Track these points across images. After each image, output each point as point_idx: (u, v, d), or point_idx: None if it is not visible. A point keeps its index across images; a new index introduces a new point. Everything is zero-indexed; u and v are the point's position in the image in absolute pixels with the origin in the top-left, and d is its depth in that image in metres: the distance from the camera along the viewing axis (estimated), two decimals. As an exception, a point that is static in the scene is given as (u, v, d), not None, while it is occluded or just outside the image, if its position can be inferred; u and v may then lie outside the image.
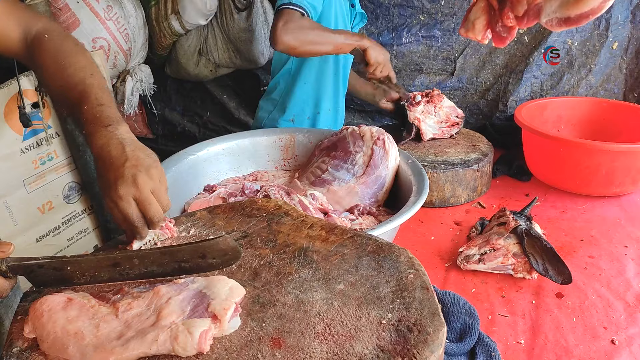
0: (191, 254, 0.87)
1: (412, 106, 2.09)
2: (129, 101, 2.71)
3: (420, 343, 0.73)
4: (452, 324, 1.19)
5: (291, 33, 1.84)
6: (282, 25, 1.84)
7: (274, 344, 0.74)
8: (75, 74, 1.09)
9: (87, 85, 1.07)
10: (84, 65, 1.13)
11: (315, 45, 1.90)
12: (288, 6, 1.87)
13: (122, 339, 0.74)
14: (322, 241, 0.98)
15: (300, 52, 1.92)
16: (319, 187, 1.60)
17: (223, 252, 0.87)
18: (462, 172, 1.85)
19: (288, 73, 2.22)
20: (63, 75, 1.09)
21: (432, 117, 2.10)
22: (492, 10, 1.13)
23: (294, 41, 1.85)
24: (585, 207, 1.86)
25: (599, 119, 2.20)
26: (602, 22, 2.35)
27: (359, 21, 2.28)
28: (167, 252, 0.87)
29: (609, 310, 1.33)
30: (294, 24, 1.85)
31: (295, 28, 1.85)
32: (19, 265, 0.85)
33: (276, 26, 1.84)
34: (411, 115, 2.06)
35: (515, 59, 2.48)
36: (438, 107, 2.10)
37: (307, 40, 1.87)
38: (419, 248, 1.63)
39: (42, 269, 0.86)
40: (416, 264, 0.90)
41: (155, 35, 2.74)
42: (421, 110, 2.09)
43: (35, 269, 0.86)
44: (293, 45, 1.86)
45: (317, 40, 1.89)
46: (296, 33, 1.85)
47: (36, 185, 2.11)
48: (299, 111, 2.25)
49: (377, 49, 2.02)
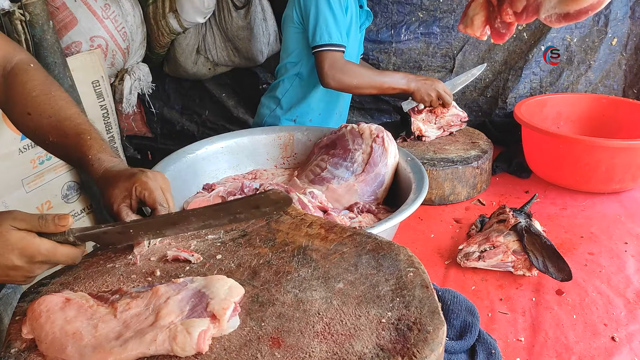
0: (244, 206, 0.91)
1: (414, 114, 2.08)
2: (127, 100, 2.71)
3: (420, 342, 0.72)
4: (452, 321, 1.19)
5: (336, 79, 1.97)
6: (328, 70, 1.96)
7: (273, 344, 0.74)
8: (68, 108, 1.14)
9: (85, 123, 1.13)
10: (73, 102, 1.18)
11: (360, 89, 2.04)
12: (329, 48, 1.97)
13: (120, 339, 0.73)
14: (322, 240, 0.98)
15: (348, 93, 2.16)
16: (318, 185, 1.59)
17: (274, 202, 0.90)
18: (461, 169, 1.84)
19: (296, 76, 2.22)
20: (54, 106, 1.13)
21: (433, 125, 2.09)
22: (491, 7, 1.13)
23: (339, 86, 2.00)
24: (585, 204, 1.86)
25: (599, 115, 2.20)
26: (602, 18, 2.34)
27: (364, 19, 2.27)
28: (222, 208, 0.92)
29: (609, 307, 1.33)
30: (336, 70, 1.97)
31: (338, 73, 1.97)
32: (85, 235, 0.90)
33: (322, 70, 1.97)
34: (414, 125, 2.05)
35: (515, 55, 2.47)
36: (440, 117, 2.10)
37: (352, 86, 2.01)
38: (418, 246, 1.62)
39: (107, 235, 0.93)
40: (416, 262, 0.90)
41: (153, 33, 2.73)
42: (422, 118, 2.08)
43: (101, 235, 0.93)
44: (338, 89, 2.02)
45: (361, 86, 2.02)
46: (340, 79, 1.97)
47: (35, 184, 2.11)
48: (301, 112, 2.25)
49: (423, 89, 2.05)
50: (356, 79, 1.98)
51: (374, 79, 2.01)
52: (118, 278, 0.92)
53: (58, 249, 0.86)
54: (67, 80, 2.06)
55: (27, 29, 1.90)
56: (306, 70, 2.19)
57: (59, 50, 2.04)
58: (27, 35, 1.91)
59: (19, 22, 1.88)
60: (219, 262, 0.95)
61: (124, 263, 0.96)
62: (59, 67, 2.03)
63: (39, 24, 1.94)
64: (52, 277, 0.94)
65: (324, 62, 1.96)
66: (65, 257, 0.88)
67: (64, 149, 1.11)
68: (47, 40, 1.98)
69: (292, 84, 2.24)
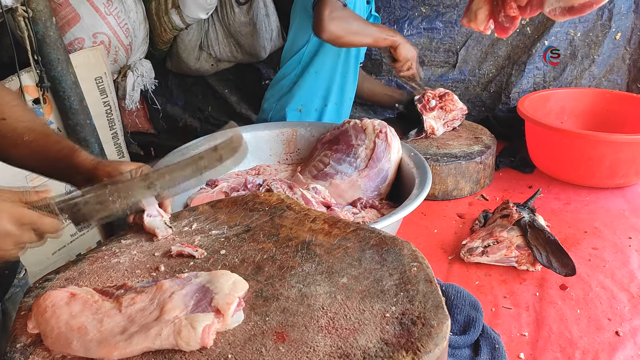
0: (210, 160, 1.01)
1: (426, 111, 2.06)
2: (130, 96, 2.71)
3: (424, 336, 0.73)
4: (455, 316, 1.19)
5: (337, 22, 1.87)
6: (328, 14, 1.86)
7: (277, 338, 0.74)
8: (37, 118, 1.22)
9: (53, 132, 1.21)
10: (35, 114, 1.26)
11: (358, 36, 1.94)
12: None
13: (125, 334, 0.73)
14: (325, 235, 0.98)
15: (344, 41, 1.94)
16: (321, 180, 1.59)
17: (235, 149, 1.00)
18: (464, 164, 1.84)
19: (298, 62, 2.21)
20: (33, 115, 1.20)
21: (441, 120, 2.08)
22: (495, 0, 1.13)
23: (340, 30, 1.88)
24: (589, 199, 1.86)
25: (603, 110, 2.19)
26: (605, 13, 2.33)
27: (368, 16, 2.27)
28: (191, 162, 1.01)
29: (613, 302, 1.33)
30: (338, 14, 1.87)
31: (340, 17, 1.88)
32: (66, 204, 0.92)
33: (322, 15, 1.86)
34: (426, 123, 2.03)
35: (518, 50, 2.46)
36: (448, 113, 2.09)
37: (351, 30, 1.90)
38: (422, 241, 1.62)
39: (88, 205, 0.94)
40: (419, 257, 0.90)
41: (156, 29, 2.73)
42: (434, 115, 2.07)
43: (82, 206, 0.93)
44: (339, 34, 1.89)
45: (359, 31, 1.93)
46: (342, 23, 1.88)
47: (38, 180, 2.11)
48: (307, 101, 2.24)
49: (407, 46, 2.04)
50: (355, 23, 1.91)
51: (369, 26, 1.98)
52: (123, 273, 0.92)
53: (42, 217, 0.91)
54: (70, 76, 2.06)
55: (30, 26, 1.90)
56: (306, 54, 2.18)
57: (62, 46, 2.04)
58: (30, 31, 1.91)
59: (22, 18, 1.88)
60: (222, 257, 0.95)
61: (128, 258, 0.97)
62: (62, 63, 2.03)
63: (41, 20, 1.94)
64: (57, 273, 0.94)
65: (324, 9, 1.87)
66: (49, 226, 0.91)
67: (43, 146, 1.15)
68: (50, 37, 1.98)
69: (295, 71, 2.23)
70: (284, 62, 2.28)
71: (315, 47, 2.16)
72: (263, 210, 1.09)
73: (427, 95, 2.09)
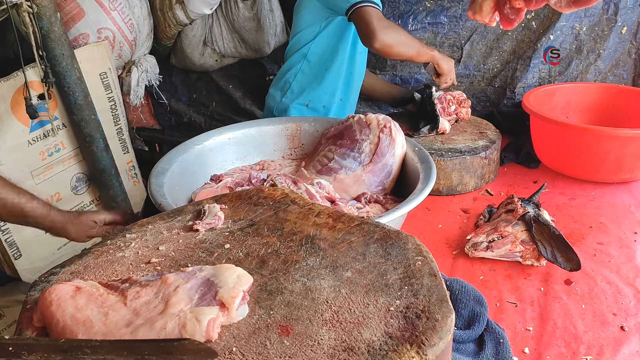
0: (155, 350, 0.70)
1: (444, 114, 2.05)
2: (134, 92, 2.71)
3: (429, 330, 0.73)
4: (460, 311, 1.19)
5: (390, 32, 1.81)
6: (378, 22, 1.79)
7: (282, 332, 0.74)
8: None
9: None
10: None
11: (405, 47, 1.88)
12: (369, 4, 1.82)
13: (130, 327, 0.74)
14: (329, 229, 0.98)
15: (392, 51, 1.87)
16: (325, 175, 1.59)
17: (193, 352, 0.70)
18: (469, 159, 1.83)
19: (302, 56, 2.20)
20: None
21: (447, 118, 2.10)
22: (500, -6, 1.12)
23: (392, 40, 1.82)
24: (595, 194, 1.85)
25: (608, 104, 2.18)
26: (611, 7, 2.31)
27: None
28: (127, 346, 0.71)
29: (618, 297, 1.33)
30: (386, 23, 1.82)
31: (391, 27, 1.83)
32: None
33: (372, 24, 1.78)
34: (442, 125, 2.01)
35: (523, 45, 2.45)
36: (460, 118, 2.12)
37: (400, 41, 1.85)
38: (426, 236, 1.62)
39: None
40: (424, 251, 0.90)
41: (160, 25, 2.73)
42: (449, 119, 2.07)
43: None
44: (391, 43, 1.82)
45: (406, 42, 1.88)
46: (391, 33, 1.82)
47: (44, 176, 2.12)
48: (314, 98, 2.23)
49: (446, 59, 2.04)
50: (402, 33, 1.86)
51: (412, 38, 1.93)
52: (128, 267, 0.93)
53: None
54: (74, 72, 2.07)
55: (34, 21, 1.90)
56: (318, 50, 2.16)
57: (67, 42, 2.04)
58: (34, 27, 1.91)
59: (26, 14, 1.88)
60: (227, 252, 0.95)
61: (133, 252, 0.97)
62: (66, 59, 2.03)
63: (46, 15, 1.94)
64: (62, 267, 0.94)
65: (370, 17, 1.78)
66: None
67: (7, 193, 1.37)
68: (54, 32, 1.98)
69: (302, 66, 2.21)
70: (288, 56, 2.27)
71: (323, 43, 2.14)
72: (267, 204, 1.09)
73: (449, 98, 2.09)
